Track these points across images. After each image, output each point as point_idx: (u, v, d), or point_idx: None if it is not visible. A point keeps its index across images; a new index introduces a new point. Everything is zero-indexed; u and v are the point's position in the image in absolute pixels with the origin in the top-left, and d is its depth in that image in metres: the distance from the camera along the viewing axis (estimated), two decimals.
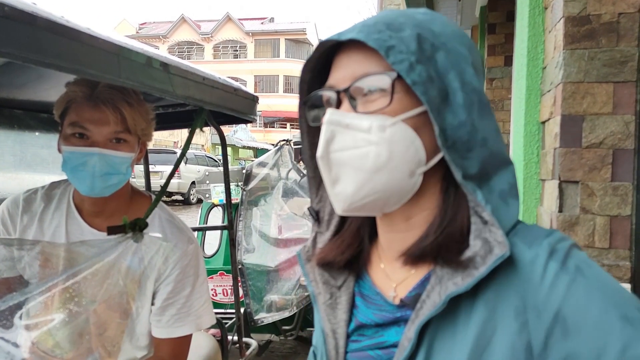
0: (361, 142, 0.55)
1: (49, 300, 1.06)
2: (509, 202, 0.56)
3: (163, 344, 1.20)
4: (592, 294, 0.50)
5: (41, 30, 0.80)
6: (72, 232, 1.17)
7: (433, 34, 0.55)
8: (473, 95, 0.55)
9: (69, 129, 1.09)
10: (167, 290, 1.17)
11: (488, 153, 0.55)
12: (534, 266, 0.52)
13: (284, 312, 3.11)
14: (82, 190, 1.10)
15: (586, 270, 0.51)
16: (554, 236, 0.54)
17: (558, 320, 0.50)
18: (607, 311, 0.49)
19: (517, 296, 0.52)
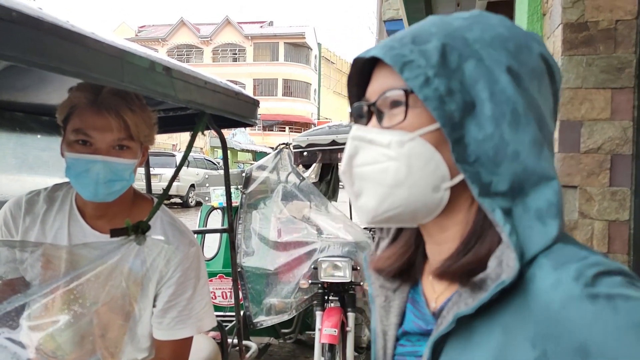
0: (382, 157, 0.56)
1: (51, 303, 1.06)
2: (546, 222, 0.51)
3: (164, 346, 1.20)
4: (623, 330, 0.44)
5: (47, 34, 0.81)
6: (74, 234, 1.18)
7: (465, 43, 0.54)
8: (505, 105, 0.52)
9: (72, 136, 1.09)
10: (169, 292, 1.18)
11: (521, 168, 0.52)
12: (556, 292, 0.47)
13: (283, 315, 3.11)
14: (86, 196, 1.11)
15: (619, 302, 0.45)
16: (588, 260, 0.49)
17: (580, 354, 0.45)
18: (636, 354, 0.43)
19: (536, 324, 0.48)
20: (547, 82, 0.57)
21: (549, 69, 0.57)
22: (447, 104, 0.52)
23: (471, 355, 0.52)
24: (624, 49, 1.69)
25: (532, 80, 0.55)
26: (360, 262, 3.14)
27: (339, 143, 3.85)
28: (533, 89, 0.54)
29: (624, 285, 0.46)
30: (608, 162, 1.70)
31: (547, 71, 0.57)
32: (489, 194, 0.52)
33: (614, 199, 1.69)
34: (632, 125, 1.68)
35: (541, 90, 0.56)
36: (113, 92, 1.10)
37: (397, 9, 6.60)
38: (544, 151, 0.54)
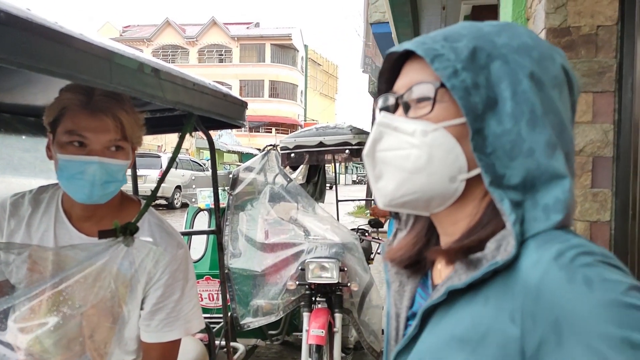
0: (405, 144, 0.59)
1: (38, 305, 1.05)
2: (550, 217, 0.54)
3: (152, 348, 1.20)
4: (596, 310, 0.46)
5: (35, 35, 0.81)
6: (60, 236, 1.17)
7: (493, 45, 0.57)
8: (524, 105, 0.56)
9: (65, 137, 1.08)
10: (157, 295, 1.18)
11: (535, 165, 0.55)
12: (535, 270, 0.51)
13: (270, 316, 3.10)
14: (79, 198, 1.10)
15: (595, 282, 0.47)
16: (570, 242, 0.51)
17: (554, 329, 0.48)
18: (609, 331, 0.46)
19: (515, 299, 0.51)
20: (566, 92, 0.60)
21: (569, 80, 0.60)
22: (472, 96, 0.56)
23: (451, 320, 0.57)
24: (604, 54, 1.73)
25: (553, 87, 0.58)
26: (348, 263, 3.15)
27: (326, 145, 3.87)
28: (554, 96, 0.58)
29: (603, 267, 0.49)
30: (590, 164, 1.74)
31: (567, 82, 0.60)
32: (501, 186, 0.55)
33: (595, 200, 1.73)
34: (613, 128, 1.72)
35: (562, 99, 0.59)
36: (106, 94, 1.09)
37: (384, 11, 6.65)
38: (556, 153, 0.56)
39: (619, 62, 1.71)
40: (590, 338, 0.46)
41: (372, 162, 0.63)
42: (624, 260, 1.69)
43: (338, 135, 3.86)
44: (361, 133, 3.93)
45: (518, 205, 0.55)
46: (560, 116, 0.58)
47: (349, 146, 3.84)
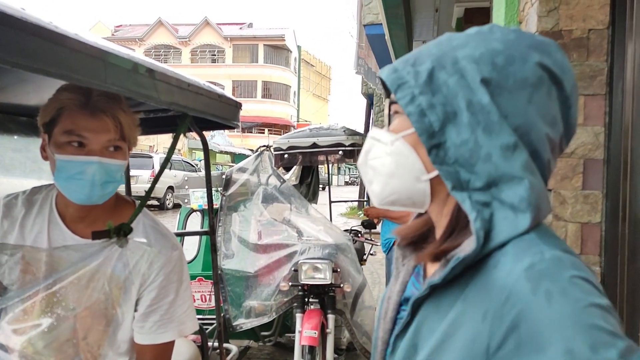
0: (382, 153, 0.69)
1: (31, 306, 1.05)
2: (518, 215, 0.59)
3: (146, 350, 1.19)
4: (551, 322, 0.51)
5: (30, 35, 0.80)
6: (54, 237, 1.16)
7: (453, 61, 0.63)
8: (480, 114, 0.61)
9: (63, 137, 1.08)
10: (151, 296, 1.17)
11: (494, 168, 0.60)
12: (508, 278, 0.56)
13: (263, 317, 3.10)
14: (78, 199, 1.09)
15: (556, 296, 0.52)
16: (543, 255, 0.56)
17: (515, 333, 0.54)
18: (553, 343, 0.50)
19: (490, 301, 0.57)
20: (545, 90, 0.61)
21: (553, 76, 0.62)
22: (427, 117, 0.62)
23: (436, 317, 0.63)
24: (595, 58, 1.75)
25: (520, 89, 0.61)
26: (341, 264, 3.16)
27: (320, 146, 3.87)
28: (521, 98, 0.61)
29: (568, 282, 0.54)
30: (581, 167, 1.75)
31: (549, 79, 0.62)
32: (467, 189, 0.61)
33: (586, 202, 1.75)
34: (604, 130, 1.74)
35: (533, 99, 0.61)
36: (104, 94, 1.09)
37: (377, 13, 6.67)
38: (515, 154, 0.60)
39: (610, 65, 1.74)
40: (542, 347, 0.51)
41: (365, 169, 0.72)
42: (613, 262, 1.71)
43: (331, 137, 3.86)
44: (354, 134, 3.94)
45: (486, 205, 0.61)
46: (526, 117, 0.61)
47: (342, 147, 3.84)
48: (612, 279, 1.71)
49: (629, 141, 1.68)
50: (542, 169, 0.63)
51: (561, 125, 0.64)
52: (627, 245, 1.68)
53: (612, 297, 1.70)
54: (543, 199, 0.62)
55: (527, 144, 0.61)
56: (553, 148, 0.64)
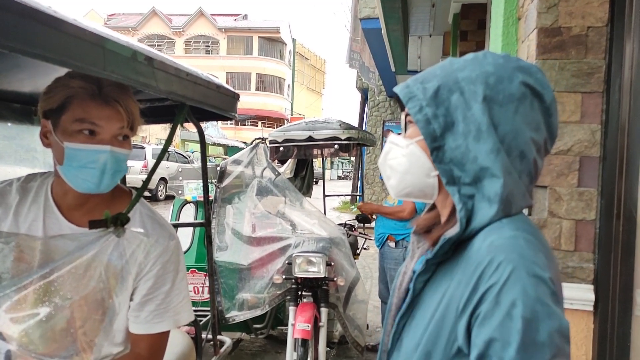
0: (399, 154, 0.86)
1: (24, 296, 1.04)
2: (492, 206, 0.75)
3: (141, 340, 1.19)
4: (499, 287, 0.67)
5: (29, 20, 0.79)
6: (49, 226, 1.14)
7: (455, 81, 0.78)
8: (472, 125, 0.76)
9: (74, 126, 1.07)
10: (147, 286, 1.16)
11: (478, 168, 0.76)
12: (477, 254, 0.72)
13: (255, 310, 3.10)
14: (85, 187, 1.09)
15: (503, 266, 0.68)
16: (503, 234, 0.72)
17: (475, 293, 0.69)
18: (502, 300, 0.66)
19: (464, 272, 0.73)
20: (528, 102, 0.76)
21: (534, 91, 0.77)
22: (431, 125, 0.78)
23: (435, 289, 0.79)
24: (594, 55, 1.75)
25: (507, 104, 0.76)
26: (334, 257, 3.16)
27: (315, 139, 3.86)
28: (508, 110, 0.76)
29: (518, 255, 0.69)
30: (577, 164, 1.76)
31: (531, 94, 0.77)
32: (458, 184, 0.77)
33: (581, 199, 1.76)
34: (601, 128, 1.75)
35: (519, 110, 0.76)
36: (114, 83, 1.08)
37: (374, 7, 6.64)
38: (499, 157, 0.75)
39: (608, 63, 1.74)
40: (498, 302, 0.67)
41: (384, 167, 0.89)
42: (607, 259, 1.72)
43: (327, 130, 3.85)
44: (350, 128, 3.93)
45: (471, 197, 0.76)
46: (514, 124, 0.75)
47: (338, 141, 3.83)
48: (606, 275, 1.73)
49: (625, 139, 1.69)
50: (529, 167, 0.78)
51: (544, 130, 0.78)
52: (621, 243, 1.69)
53: (605, 294, 1.72)
54: (516, 195, 0.76)
55: (515, 146, 0.76)
56: (538, 149, 0.78)
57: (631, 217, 1.67)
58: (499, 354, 0.65)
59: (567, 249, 1.77)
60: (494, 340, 0.65)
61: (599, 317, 1.73)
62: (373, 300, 4.69)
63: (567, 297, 1.76)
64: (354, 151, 4.36)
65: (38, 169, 1.61)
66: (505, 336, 0.64)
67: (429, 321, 0.76)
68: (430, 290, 0.80)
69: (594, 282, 1.74)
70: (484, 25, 4.47)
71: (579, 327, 1.75)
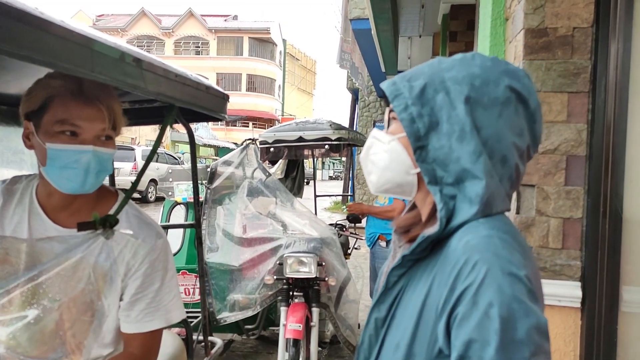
0: (380, 150, 0.85)
1: (14, 298, 1.03)
2: (472, 206, 0.75)
3: (133, 339, 1.18)
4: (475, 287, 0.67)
5: (15, 21, 0.78)
6: (35, 228, 1.14)
7: (441, 80, 0.77)
8: (456, 125, 0.75)
9: (55, 127, 1.05)
10: (136, 285, 1.16)
11: (460, 168, 0.75)
12: (454, 253, 0.73)
13: (247, 311, 3.09)
14: (70, 188, 1.08)
15: (479, 266, 0.68)
16: (479, 234, 0.72)
17: (453, 293, 0.69)
18: (479, 300, 0.66)
19: (442, 271, 0.73)
20: (513, 107, 0.76)
21: (519, 97, 0.76)
22: (415, 124, 0.77)
23: (414, 287, 0.79)
24: (579, 55, 1.77)
25: (492, 107, 0.75)
26: (325, 257, 3.17)
27: (306, 140, 3.86)
28: (492, 113, 0.75)
29: (492, 254, 0.69)
30: (564, 163, 1.78)
31: (516, 99, 0.76)
32: (440, 184, 0.77)
33: (568, 197, 1.78)
34: (587, 127, 1.77)
35: (503, 114, 0.75)
36: (95, 82, 1.07)
37: (364, 8, 6.66)
38: (480, 159, 0.75)
39: (594, 63, 1.76)
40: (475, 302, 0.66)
41: (366, 162, 0.87)
42: (594, 256, 1.74)
43: (318, 131, 3.85)
44: (340, 129, 3.94)
45: (452, 197, 0.76)
46: (497, 128, 0.75)
47: (328, 141, 3.84)
48: (592, 273, 1.75)
49: (610, 138, 1.71)
50: (510, 172, 0.77)
51: (528, 136, 0.78)
52: (607, 241, 1.71)
53: (592, 291, 1.74)
54: (496, 198, 0.76)
55: (497, 150, 0.75)
56: (521, 155, 0.78)
57: (617, 215, 1.70)
58: (478, 354, 0.64)
59: (555, 246, 1.79)
60: (473, 341, 0.65)
61: (587, 313, 1.75)
62: (364, 299, 4.71)
63: (555, 294, 1.79)
64: (345, 151, 4.37)
65: (25, 171, 1.60)
66: (484, 336, 0.64)
67: (409, 321, 0.76)
68: (410, 289, 0.79)
69: (581, 279, 1.77)
70: (473, 26, 4.50)
71: (566, 324, 1.77)
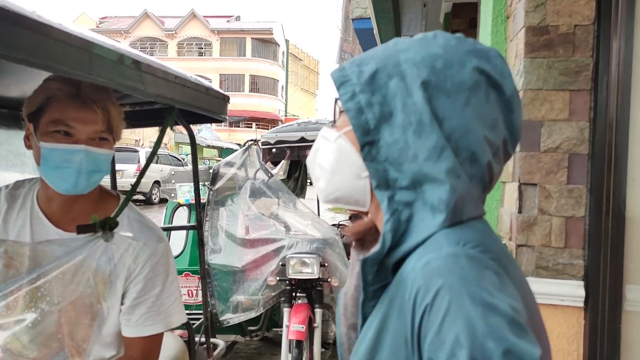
0: (328, 150, 0.70)
1: (14, 301, 1.03)
2: (435, 215, 0.61)
3: (134, 343, 1.19)
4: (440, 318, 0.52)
5: (13, 25, 0.79)
6: (37, 232, 1.14)
7: (396, 63, 0.64)
8: (412, 116, 0.62)
9: (50, 127, 1.07)
10: (137, 289, 1.16)
11: (418, 168, 0.61)
12: (410, 275, 0.59)
13: (250, 312, 3.10)
14: (63, 188, 1.08)
15: (442, 294, 0.54)
16: (442, 252, 0.58)
17: (419, 326, 0.55)
18: (446, 339, 0.52)
19: (401, 297, 0.59)
20: (483, 93, 0.62)
21: (490, 80, 0.63)
22: (364, 114, 0.64)
23: (376, 314, 0.64)
24: (581, 53, 1.76)
25: (456, 93, 0.62)
26: (328, 258, 3.16)
27: (308, 140, 3.86)
28: (458, 100, 0.62)
29: (458, 279, 0.54)
30: (566, 161, 1.77)
31: (487, 83, 0.63)
32: (392, 188, 0.63)
33: (570, 196, 1.77)
34: (589, 125, 1.76)
35: (470, 102, 0.62)
36: (92, 85, 1.08)
37: (365, 7, 6.65)
38: (443, 156, 0.61)
39: (595, 61, 1.75)
40: (442, 340, 0.51)
41: (313, 166, 0.73)
42: (597, 255, 1.73)
43: (320, 131, 3.86)
44: None
45: (408, 205, 0.62)
46: (463, 119, 0.61)
47: None
48: (595, 271, 1.74)
49: (613, 136, 1.70)
50: (482, 171, 0.63)
51: (503, 128, 0.64)
52: (610, 239, 1.70)
53: (595, 290, 1.73)
54: (467, 203, 0.62)
55: (464, 146, 0.61)
56: (495, 151, 0.64)
57: (620, 214, 1.69)
58: None
59: (558, 245, 1.78)
60: None
61: (590, 312, 1.74)
62: None
63: (558, 293, 1.78)
64: None
65: (27, 174, 1.61)
66: None
67: (371, 351, 0.63)
68: (372, 316, 0.66)
69: (584, 279, 1.75)
70: (475, 24, 4.48)
71: (570, 323, 1.76)
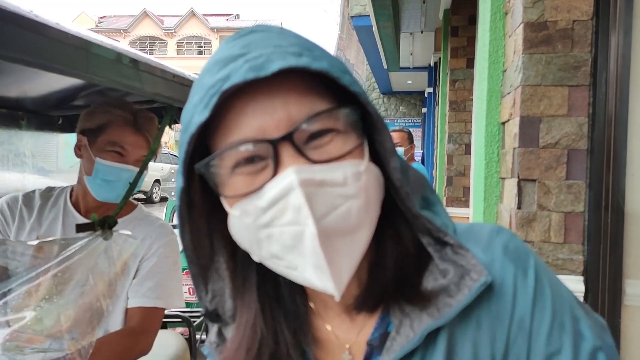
0: (339, 199, 0.43)
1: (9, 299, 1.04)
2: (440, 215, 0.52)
3: (135, 314, 1.27)
4: (546, 302, 0.49)
5: (8, 24, 0.79)
6: (68, 224, 1.30)
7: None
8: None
9: (107, 146, 1.28)
10: (150, 264, 1.30)
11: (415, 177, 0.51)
12: (505, 282, 0.49)
13: None
14: (106, 197, 1.27)
15: (543, 279, 0.50)
16: (507, 246, 0.51)
17: (521, 328, 0.48)
18: (562, 317, 0.50)
19: (493, 319, 0.48)
20: None
21: None
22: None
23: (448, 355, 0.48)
24: (580, 49, 1.76)
25: None
26: None
27: None
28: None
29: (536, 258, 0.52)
30: (565, 157, 1.77)
31: None
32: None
33: (570, 191, 1.77)
34: (588, 121, 1.76)
35: None
36: (146, 114, 1.30)
37: (364, 4, 6.64)
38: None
39: (594, 56, 1.75)
40: (549, 327, 0.50)
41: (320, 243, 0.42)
42: (596, 250, 1.73)
43: None
44: None
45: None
46: None
47: None
48: (595, 267, 1.74)
49: (612, 131, 1.70)
50: None
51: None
52: (610, 234, 1.71)
53: (594, 285, 1.74)
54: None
55: None
56: None
57: (619, 209, 1.69)
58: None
59: (557, 241, 1.78)
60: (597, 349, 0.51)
61: (590, 307, 1.75)
62: None
63: None
64: None
65: (27, 173, 1.65)
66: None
67: None
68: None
69: (583, 274, 1.76)
70: (474, 21, 4.48)
71: None
